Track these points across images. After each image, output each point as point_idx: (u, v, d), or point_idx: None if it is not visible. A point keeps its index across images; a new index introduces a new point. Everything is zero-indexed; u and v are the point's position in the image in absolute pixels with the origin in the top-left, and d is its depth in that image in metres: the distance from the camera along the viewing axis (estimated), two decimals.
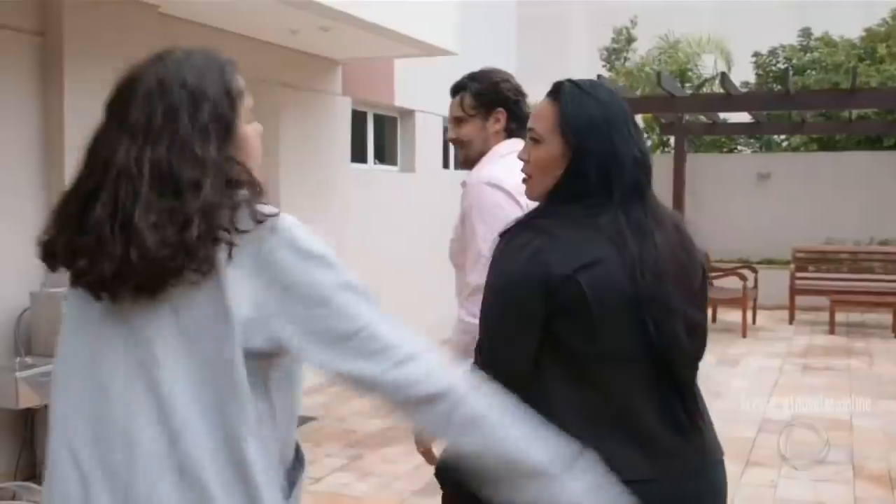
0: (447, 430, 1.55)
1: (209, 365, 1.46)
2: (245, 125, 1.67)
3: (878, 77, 14.98)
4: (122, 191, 1.47)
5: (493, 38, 11.39)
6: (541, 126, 2.03)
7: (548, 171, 2.01)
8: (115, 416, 1.48)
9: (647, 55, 17.35)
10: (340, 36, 7.03)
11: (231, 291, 1.44)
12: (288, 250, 1.51)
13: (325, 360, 1.49)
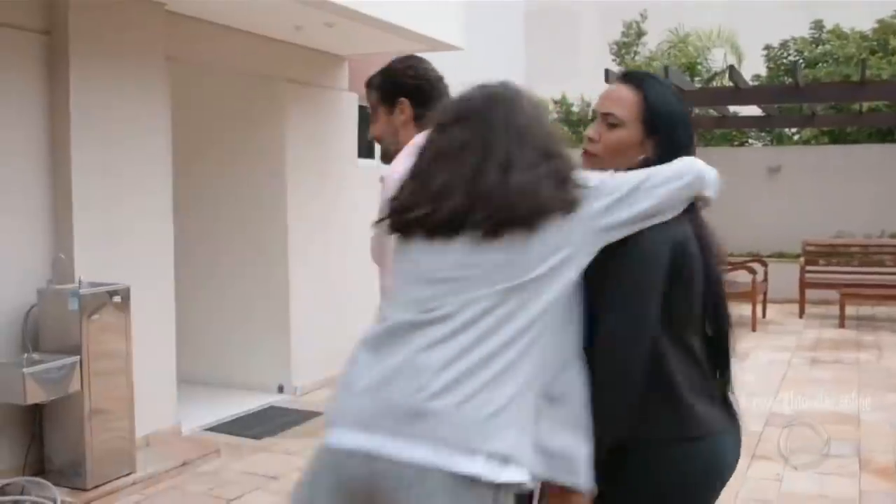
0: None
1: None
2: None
3: (890, 69, 14.88)
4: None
5: (500, 34, 11.40)
6: (620, 111, 2.17)
7: (622, 154, 2.15)
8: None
9: (657, 49, 17.30)
10: (345, 32, 7.05)
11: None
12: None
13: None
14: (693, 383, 2.06)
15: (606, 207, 1.94)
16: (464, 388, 1.80)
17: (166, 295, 6.06)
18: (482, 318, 1.86)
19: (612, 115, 2.17)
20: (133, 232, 5.74)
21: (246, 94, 7.48)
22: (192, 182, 7.48)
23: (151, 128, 5.89)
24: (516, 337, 1.85)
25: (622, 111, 2.16)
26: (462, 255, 1.92)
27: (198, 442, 6.07)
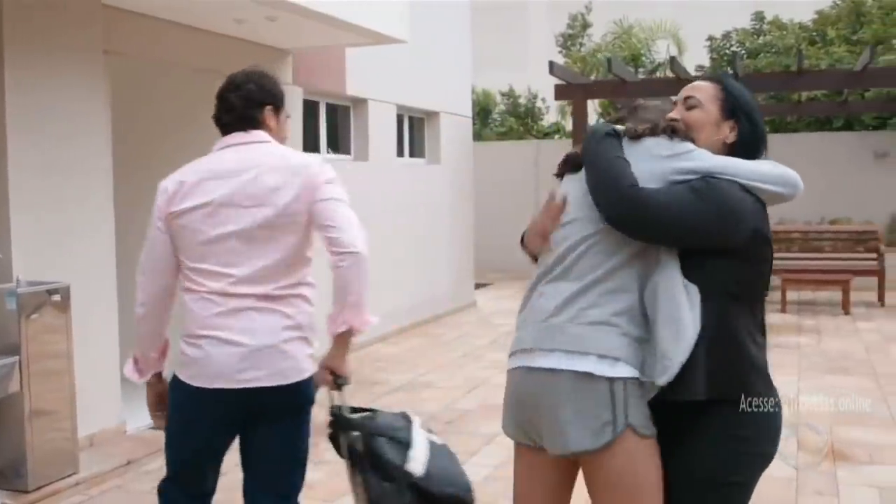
0: None
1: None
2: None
3: (828, 59, 15.19)
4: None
5: (446, 26, 11.42)
6: (699, 94, 2.61)
7: (699, 130, 2.56)
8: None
9: (602, 41, 17.45)
10: (288, 26, 7.02)
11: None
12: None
13: None
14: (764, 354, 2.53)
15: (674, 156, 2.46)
16: (572, 308, 2.45)
17: (108, 293, 6.00)
18: (585, 255, 2.48)
19: (691, 98, 2.62)
20: (73, 230, 5.68)
21: (187, 89, 7.40)
22: (133, 178, 7.40)
23: (90, 124, 5.83)
24: (615, 267, 2.45)
25: (700, 94, 2.62)
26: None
27: (143, 440, 6.02)
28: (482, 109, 18.50)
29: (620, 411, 2.36)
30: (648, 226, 2.38)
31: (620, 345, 2.39)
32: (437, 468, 2.96)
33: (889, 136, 14.39)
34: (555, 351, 2.44)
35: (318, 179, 3.07)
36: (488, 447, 5.94)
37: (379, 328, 9.82)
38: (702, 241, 2.40)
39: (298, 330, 3.17)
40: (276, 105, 3.23)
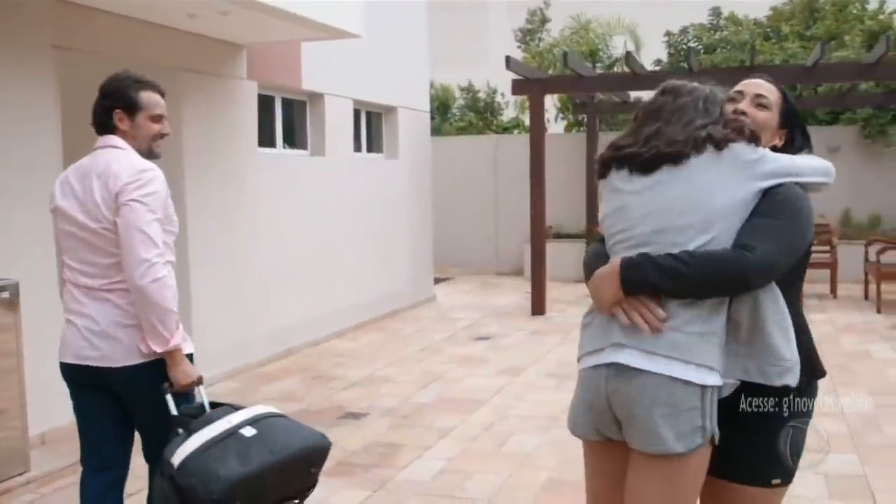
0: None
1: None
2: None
3: (782, 55, 15.39)
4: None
5: (403, 21, 11.41)
6: (771, 97, 2.70)
7: (766, 132, 2.64)
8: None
9: (560, 36, 17.54)
10: (242, 20, 6.99)
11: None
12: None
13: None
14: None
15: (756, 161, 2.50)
16: (677, 318, 2.44)
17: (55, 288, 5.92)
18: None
19: (764, 98, 2.69)
20: (23, 225, 5.61)
21: None
22: None
23: (39, 117, 5.77)
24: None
25: (772, 97, 2.70)
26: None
27: None
28: (441, 104, 18.51)
29: (708, 419, 2.45)
30: (769, 280, 2.44)
31: (717, 356, 2.45)
32: (197, 461, 3.01)
33: (841, 131, 14.62)
34: (655, 354, 2.43)
35: (122, 197, 3.29)
36: (444, 440, 5.97)
37: (337, 323, 9.82)
38: (798, 260, 2.54)
39: (129, 319, 3.37)
40: (124, 107, 3.47)
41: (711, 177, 2.42)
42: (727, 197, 2.41)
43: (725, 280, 2.38)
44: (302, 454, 3.18)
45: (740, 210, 2.42)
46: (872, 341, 9.13)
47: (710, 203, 2.40)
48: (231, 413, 3.27)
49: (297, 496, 3.27)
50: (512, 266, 15.68)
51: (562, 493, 4.95)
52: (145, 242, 3.26)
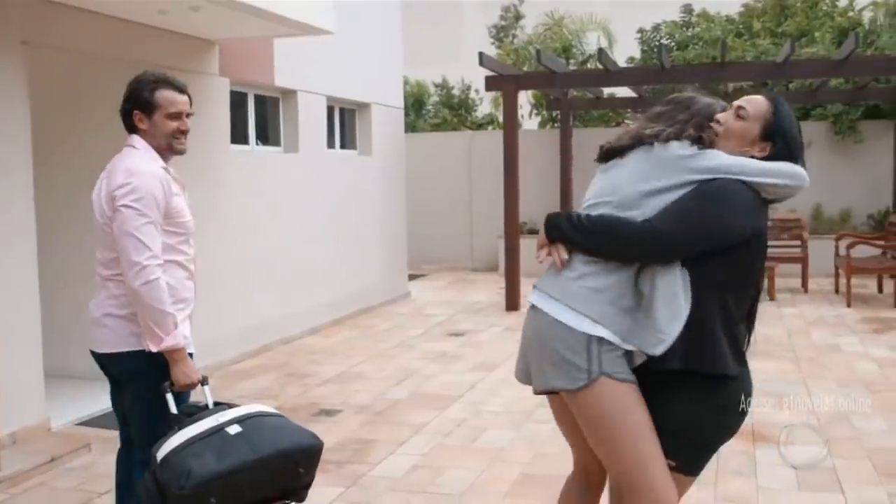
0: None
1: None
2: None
3: (754, 51, 15.49)
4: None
5: (376, 17, 11.39)
6: (750, 108, 2.83)
7: (734, 140, 2.82)
8: None
9: (533, 32, 17.57)
10: (213, 16, 6.95)
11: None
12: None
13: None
14: (743, 338, 2.81)
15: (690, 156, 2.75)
16: (576, 271, 2.81)
17: (29, 285, 5.90)
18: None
19: (742, 109, 2.84)
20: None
21: (109, 80, 7.23)
22: (55, 169, 7.29)
23: (8, 113, 5.71)
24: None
25: (751, 108, 2.83)
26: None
27: (68, 437, 5.94)
28: (416, 101, 18.49)
29: (595, 363, 2.73)
30: (664, 253, 2.70)
31: (605, 312, 2.75)
32: (177, 457, 3.08)
33: (812, 126, 14.74)
34: (552, 298, 2.82)
35: (115, 202, 3.43)
36: (417, 437, 5.98)
37: (311, 320, 9.80)
38: (716, 245, 2.69)
39: (121, 308, 3.54)
40: (142, 107, 3.57)
41: (638, 167, 2.79)
42: (647, 185, 2.75)
43: (622, 242, 2.72)
44: (285, 454, 3.17)
45: (666, 196, 2.73)
46: (842, 335, 9.22)
47: (627, 188, 2.78)
48: (223, 411, 3.31)
49: (286, 496, 3.24)
50: (486, 262, 15.71)
51: (534, 488, 4.97)
52: (137, 247, 3.38)
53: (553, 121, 16.43)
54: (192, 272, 3.72)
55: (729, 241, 2.69)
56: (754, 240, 2.74)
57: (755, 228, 2.73)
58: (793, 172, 2.79)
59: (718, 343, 2.71)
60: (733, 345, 2.75)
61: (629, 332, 2.76)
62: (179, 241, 3.60)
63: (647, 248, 2.70)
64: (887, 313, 10.44)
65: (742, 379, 2.82)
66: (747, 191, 2.72)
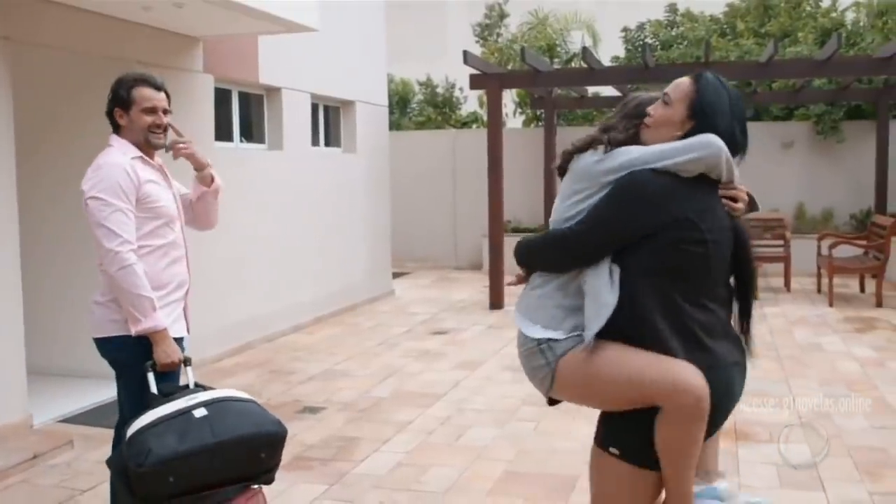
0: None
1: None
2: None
3: (738, 51, 15.56)
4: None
5: (360, 15, 11.38)
6: (673, 93, 2.78)
7: (664, 127, 2.77)
8: None
9: (518, 31, 17.58)
10: (197, 13, 6.93)
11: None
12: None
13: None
14: (709, 326, 2.72)
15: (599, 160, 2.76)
16: (530, 284, 2.94)
17: (11, 283, 5.86)
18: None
19: (666, 95, 2.80)
20: None
21: (94, 77, 7.23)
22: (39, 167, 7.25)
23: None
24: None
25: (674, 93, 2.79)
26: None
27: (49, 434, 5.91)
28: (401, 99, 18.47)
29: (549, 354, 2.80)
30: (579, 254, 2.76)
31: (555, 315, 2.83)
32: (142, 436, 3.18)
33: (795, 126, 14.83)
34: (518, 311, 2.96)
35: (83, 197, 3.63)
36: (400, 434, 5.98)
37: (295, 318, 9.79)
38: (630, 237, 2.68)
39: (103, 295, 3.71)
40: (120, 104, 3.76)
41: (564, 185, 2.87)
42: (571, 199, 2.80)
43: (548, 251, 2.85)
44: (246, 439, 3.25)
45: (588, 203, 2.76)
46: (824, 334, 9.28)
47: (560, 206, 2.86)
48: (196, 393, 3.39)
49: (251, 480, 3.32)
50: (470, 261, 15.72)
51: (518, 485, 4.98)
52: (107, 235, 3.55)
53: (537, 119, 16.44)
54: (178, 256, 3.85)
55: (643, 231, 2.67)
56: (678, 223, 2.65)
57: (672, 214, 2.65)
58: (696, 144, 2.69)
59: (651, 325, 2.66)
60: (679, 328, 2.67)
61: (578, 328, 2.81)
62: (156, 226, 3.73)
63: (565, 251, 2.79)
64: (869, 313, 10.52)
65: (704, 369, 2.67)
66: (658, 179, 2.67)
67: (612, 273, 2.70)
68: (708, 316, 2.73)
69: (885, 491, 4.85)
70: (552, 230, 2.86)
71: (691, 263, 2.69)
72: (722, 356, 2.73)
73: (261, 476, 3.36)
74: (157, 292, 3.66)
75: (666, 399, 2.65)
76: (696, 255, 2.68)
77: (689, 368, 2.65)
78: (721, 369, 2.72)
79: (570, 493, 4.85)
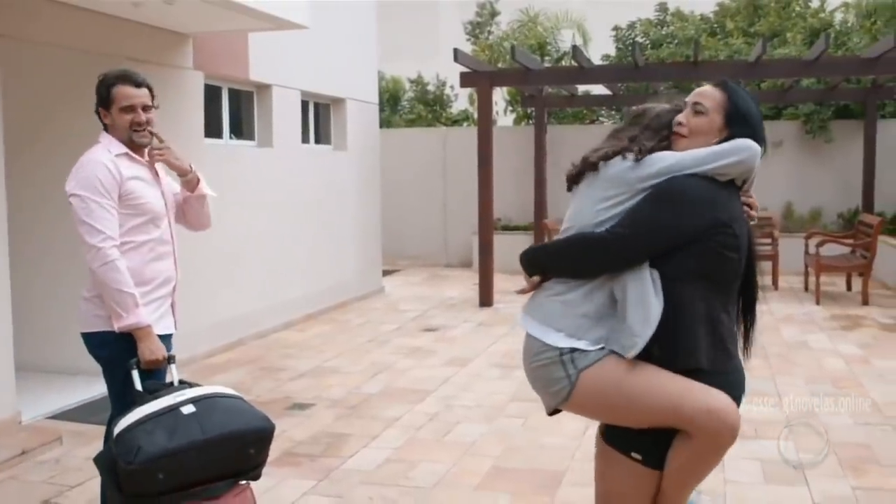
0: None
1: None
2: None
3: (727, 50, 15.63)
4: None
5: (351, 12, 11.39)
6: (706, 102, 2.84)
7: (703, 136, 2.83)
8: None
9: (509, 29, 17.62)
10: (187, 9, 6.93)
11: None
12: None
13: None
14: (732, 332, 2.83)
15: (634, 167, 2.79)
16: (549, 289, 2.91)
17: (0, 283, 5.86)
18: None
19: (699, 105, 2.85)
20: None
21: (84, 74, 7.22)
22: (30, 164, 7.25)
23: None
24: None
25: (707, 102, 2.84)
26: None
27: (38, 430, 5.92)
28: (391, 96, 18.49)
29: (570, 367, 2.79)
30: (622, 258, 2.76)
31: (581, 324, 2.82)
32: (130, 433, 3.18)
33: (783, 126, 14.90)
34: (528, 315, 2.95)
35: (67, 194, 3.65)
36: (389, 430, 6.01)
37: (285, 315, 9.80)
38: (675, 241, 2.72)
39: (88, 292, 3.73)
40: (102, 104, 3.78)
41: (590, 190, 2.86)
42: (601, 204, 2.81)
43: (583, 254, 2.82)
44: (235, 435, 3.26)
45: (620, 209, 2.79)
46: (811, 332, 9.34)
47: (582, 213, 2.86)
48: (183, 390, 3.40)
49: (238, 476, 3.33)
50: (460, 258, 15.75)
51: (505, 481, 5.02)
52: (89, 231, 3.56)
53: (528, 117, 16.48)
54: (163, 253, 3.84)
55: (686, 237, 2.70)
56: (718, 229, 2.72)
57: (714, 219, 2.71)
58: (737, 148, 2.77)
59: (693, 335, 2.72)
60: (714, 339, 2.75)
61: (606, 340, 2.80)
62: (140, 222, 3.73)
63: (606, 254, 2.76)
64: (855, 311, 10.58)
65: (723, 376, 2.78)
66: (698, 183, 2.74)
67: (654, 278, 2.72)
68: (730, 322, 2.84)
69: (869, 486, 4.90)
70: (582, 234, 2.83)
71: (727, 269, 2.77)
72: (739, 362, 2.86)
73: (249, 472, 3.37)
74: (141, 288, 3.66)
75: (701, 428, 2.73)
76: (732, 261, 2.76)
77: (724, 399, 2.75)
78: (739, 375, 2.85)
79: (557, 489, 4.89)
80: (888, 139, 14.16)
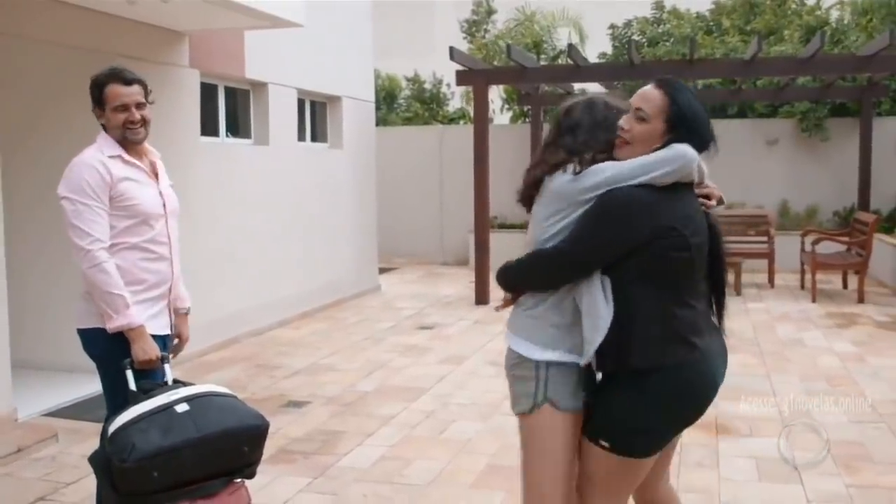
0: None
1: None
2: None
3: (723, 48, 15.64)
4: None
5: (346, 10, 11.39)
6: (648, 107, 2.80)
7: (646, 143, 2.80)
8: None
9: (504, 27, 17.62)
10: (183, 7, 6.93)
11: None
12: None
13: None
14: (695, 323, 2.81)
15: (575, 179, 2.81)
16: (521, 304, 3.00)
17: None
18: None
19: (641, 111, 2.81)
20: None
21: (79, 72, 7.20)
22: (25, 163, 7.24)
23: None
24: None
25: (648, 108, 2.80)
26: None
27: (34, 427, 5.92)
28: (388, 94, 18.48)
29: (541, 390, 2.90)
30: (569, 272, 2.83)
31: (548, 335, 2.91)
32: (125, 431, 3.20)
33: (779, 123, 14.91)
34: (510, 331, 3.04)
35: (58, 196, 3.65)
36: (384, 428, 6.02)
37: (281, 313, 9.81)
38: (619, 252, 2.75)
39: (84, 289, 3.71)
40: (96, 104, 3.77)
41: (537, 208, 2.94)
42: (549, 220, 2.86)
43: (537, 270, 2.90)
44: (229, 433, 3.27)
45: (568, 222, 2.82)
46: (806, 329, 9.36)
47: (537, 228, 2.92)
48: (176, 389, 3.41)
49: (232, 474, 3.34)
50: (456, 256, 15.75)
51: (500, 478, 5.02)
52: (78, 234, 3.57)
53: (524, 115, 16.49)
54: (158, 253, 3.80)
55: (629, 247, 2.74)
56: (662, 235, 2.73)
57: (655, 227, 2.73)
58: (671, 158, 2.75)
59: (645, 336, 2.76)
60: (671, 334, 2.77)
61: (577, 347, 2.88)
62: (132, 224, 3.69)
63: (558, 269, 2.85)
64: (851, 309, 10.60)
65: (686, 367, 2.79)
66: (638, 193, 2.73)
67: (605, 286, 2.78)
68: (692, 313, 2.84)
69: (862, 484, 4.92)
70: (537, 250, 2.89)
71: (678, 268, 2.78)
72: (707, 350, 2.84)
73: (243, 470, 3.38)
74: (132, 288, 3.64)
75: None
76: (682, 260, 2.77)
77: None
78: (707, 363, 2.84)
79: None
80: (884, 137, 14.18)
